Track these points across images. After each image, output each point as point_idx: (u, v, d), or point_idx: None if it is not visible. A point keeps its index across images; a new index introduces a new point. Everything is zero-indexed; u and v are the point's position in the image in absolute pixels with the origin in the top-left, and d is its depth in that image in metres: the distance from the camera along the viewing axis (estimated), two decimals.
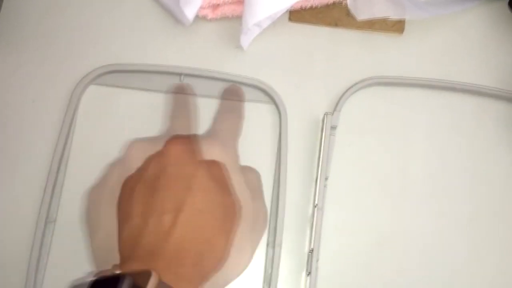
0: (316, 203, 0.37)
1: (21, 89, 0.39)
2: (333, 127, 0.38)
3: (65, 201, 0.38)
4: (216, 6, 0.39)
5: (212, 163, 0.32)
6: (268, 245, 0.37)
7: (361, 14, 0.39)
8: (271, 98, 0.39)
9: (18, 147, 0.38)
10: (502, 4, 0.41)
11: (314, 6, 0.40)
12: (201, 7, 0.38)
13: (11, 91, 0.39)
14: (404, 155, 0.39)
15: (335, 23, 0.41)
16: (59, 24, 0.41)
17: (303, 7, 0.40)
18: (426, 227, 0.38)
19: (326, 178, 0.37)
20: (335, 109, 0.38)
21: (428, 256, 0.38)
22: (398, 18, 0.40)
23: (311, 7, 0.40)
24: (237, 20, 0.39)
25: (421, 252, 0.38)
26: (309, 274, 0.36)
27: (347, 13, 0.40)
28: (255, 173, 0.34)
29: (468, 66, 0.41)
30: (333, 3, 0.40)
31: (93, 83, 0.39)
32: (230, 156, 0.31)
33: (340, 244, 0.38)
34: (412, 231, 0.38)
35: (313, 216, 0.37)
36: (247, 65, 0.40)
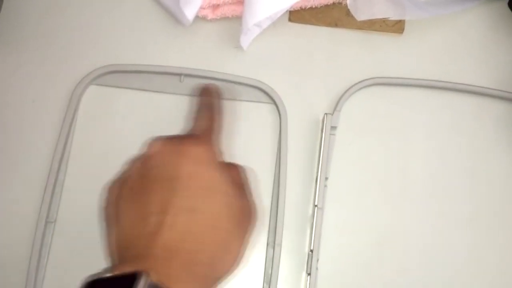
0: (316, 203, 0.37)
1: (21, 89, 0.39)
2: (333, 127, 0.38)
3: (65, 201, 0.38)
4: (216, 7, 0.39)
5: (230, 166, 0.32)
6: (268, 245, 0.37)
7: (361, 14, 0.39)
8: (271, 98, 0.39)
9: (18, 147, 0.38)
10: (502, 4, 0.41)
11: (314, 6, 0.40)
12: (201, 8, 0.38)
13: (11, 91, 0.39)
14: (404, 155, 0.39)
15: (335, 23, 0.41)
16: (59, 24, 0.41)
17: (303, 7, 0.40)
18: (426, 226, 0.38)
19: (326, 178, 0.37)
20: (335, 109, 0.38)
21: (428, 255, 0.38)
22: (398, 18, 0.40)
23: (311, 7, 0.40)
24: (237, 20, 0.40)
25: (421, 252, 0.38)
26: (309, 274, 0.36)
27: (347, 13, 0.40)
28: (239, 168, 0.34)
29: (468, 66, 0.41)
30: (333, 3, 0.40)
31: (93, 83, 0.39)
32: (211, 154, 0.31)
33: (340, 244, 0.38)
34: (412, 231, 0.38)
35: (313, 216, 0.37)
36: (247, 65, 0.40)
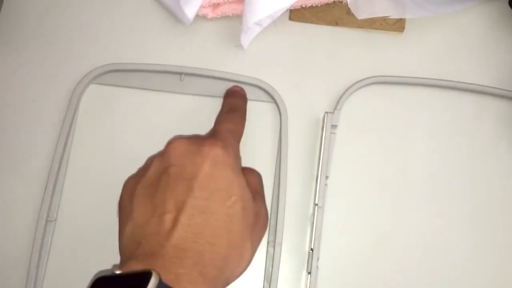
0: (316, 202, 0.37)
1: (21, 89, 0.39)
2: (334, 126, 0.38)
3: (65, 200, 0.38)
4: (216, 5, 0.39)
5: (248, 170, 0.33)
6: (268, 244, 0.37)
7: (362, 13, 0.39)
8: (271, 97, 0.39)
9: (18, 146, 0.38)
10: (502, 3, 0.41)
11: (314, 5, 0.40)
12: (202, 6, 0.38)
13: (11, 91, 0.39)
14: (404, 154, 0.39)
15: (336, 22, 0.41)
16: (59, 24, 0.41)
17: (304, 6, 0.40)
18: (426, 226, 0.38)
19: (327, 177, 0.37)
20: (335, 108, 0.38)
21: (428, 255, 0.38)
22: (398, 17, 0.40)
23: (311, 6, 0.40)
24: (237, 19, 0.39)
25: (422, 251, 0.38)
26: (310, 272, 0.36)
27: (348, 12, 0.40)
28: (257, 175, 0.34)
29: (468, 65, 0.41)
30: (334, 2, 0.40)
31: (94, 83, 0.39)
32: (231, 158, 0.31)
33: (340, 243, 0.38)
34: (413, 230, 0.38)
35: (314, 215, 0.37)
36: (247, 64, 0.40)
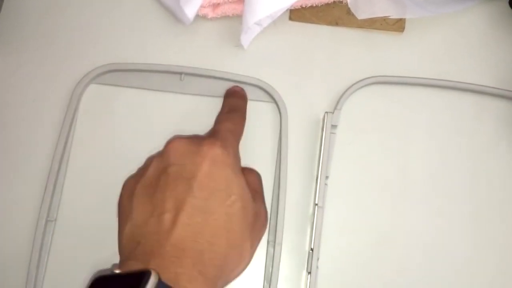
0: (316, 202, 0.37)
1: (22, 89, 0.39)
2: (334, 126, 0.38)
3: (65, 200, 0.38)
4: (216, 5, 0.39)
5: (248, 170, 0.33)
6: (268, 244, 0.37)
7: (362, 13, 0.39)
8: (271, 97, 0.39)
9: (18, 146, 0.38)
10: (502, 3, 0.41)
11: (314, 5, 0.40)
12: (202, 6, 0.38)
13: (11, 91, 0.39)
14: (404, 154, 0.39)
15: (336, 22, 0.41)
16: (59, 24, 0.41)
17: (304, 6, 0.40)
18: (427, 226, 0.38)
19: (327, 177, 0.37)
20: (335, 107, 0.38)
21: (428, 255, 0.38)
22: (398, 17, 0.40)
23: (311, 6, 0.40)
24: (237, 19, 0.39)
25: (422, 251, 0.38)
26: (310, 272, 0.36)
27: (348, 12, 0.40)
28: (256, 175, 0.34)
29: (469, 65, 0.41)
30: (334, 2, 0.40)
31: (94, 82, 0.39)
32: (231, 157, 0.31)
33: (340, 243, 0.38)
34: (413, 230, 0.38)
35: (314, 215, 0.37)
36: (247, 64, 0.40)
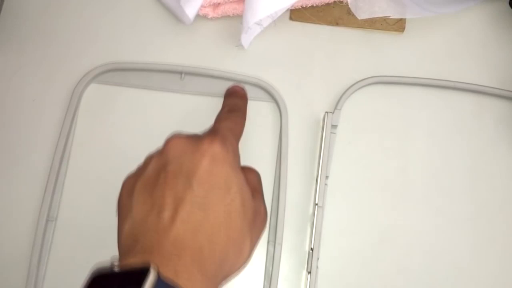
0: (316, 202, 0.37)
1: (22, 89, 0.39)
2: (334, 126, 0.38)
3: (66, 199, 0.38)
4: (217, 5, 0.39)
5: (247, 169, 0.33)
6: (268, 243, 0.37)
7: (362, 13, 0.39)
8: (271, 96, 0.39)
9: (19, 146, 0.38)
10: (502, 3, 0.41)
11: (315, 5, 0.40)
12: (202, 6, 0.38)
13: (11, 91, 0.39)
14: (404, 154, 0.39)
15: (336, 22, 0.41)
16: (59, 23, 0.41)
17: (304, 5, 0.40)
18: (427, 225, 0.38)
19: (327, 177, 0.37)
20: (335, 107, 0.38)
21: (428, 254, 0.38)
22: (399, 17, 0.40)
23: (312, 6, 0.40)
24: (238, 19, 0.40)
25: (422, 251, 0.38)
26: (310, 272, 0.36)
27: (348, 11, 0.40)
28: (255, 173, 0.34)
29: (469, 65, 0.41)
30: (334, 2, 0.40)
31: (94, 82, 0.39)
32: (230, 155, 0.31)
33: (340, 242, 0.38)
34: (413, 229, 0.38)
35: (314, 215, 0.37)
36: (248, 64, 0.40)
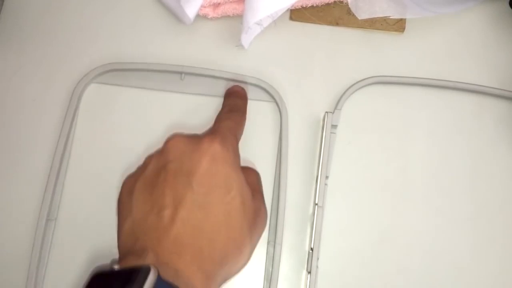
0: (316, 202, 0.37)
1: (22, 88, 0.40)
2: (334, 126, 0.38)
3: (66, 199, 0.38)
4: (217, 5, 0.39)
5: (247, 169, 0.33)
6: (268, 243, 0.37)
7: (362, 13, 0.39)
8: (271, 96, 0.39)
9: (19, 145, 0.39)
10: (502, 3, 0.41)
11: (315, 5, 0.40)
12: (202, 6, 0.38)
13: (12, 91, 0.39)
14: (404, 154, 0.39)
15: (336, 22, 0.41)
16: (59, 23, 0.41)
17: (304, 5, 0.40)
18: (427, 225, 0.38)
19: (327, 177, 0.37)
20: (335, 107, 0.38)
21: (428, 254, 0.38)
22: (399, 17, 0.40)
23: (312, 6, 0.40)
24: (238, 19, 0.40)
25: (422, 251, 0.38)
26: (310, 272, 0.36)
27: (348, 12, 0.40)
28: (255, 173, 0.34)
29: (469, 65, 0.41)
30: (334, 2, 0.40)
31: (94, 82, 0.39)
32: (230, 154, 0.31)
33: (340, 242, 0.38)
34: (413, 229, 0.38)
35: (314, 215, 0.37)
36: (248, 64, 0.40)
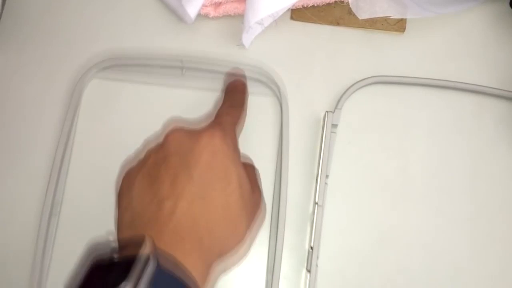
0: (316, 201, 0.37)
1: (23, 87, 0.40)
2: (334, 125, 0.38)
3: (68, 195, 0.38)
4: (218, 4, 0.39)
5: (246, 163, 0.33)
6: (269, 242, 0.37)
7: (363, 13, 0.39)
8: (272, 89, 0.39)
9: (21, 142, 0.39)
10: (502, 3, 0.41)
11: (316, 5, 0.40)
12: (203, 5, 0.38)
13: (13, 89, 0.40)
14: (404, 154, 0.39)
15: (337, 22, 0.41)
16: (61, 20, 0.41)
17: (305, 5, 0.40)
18: (426, 225, 0.38)
19: (327, 176, 0.37)
20: (336, 107, 0.39)
21: (428, 254, 0.38)
22: (399, 17, 0.40)
23: (313, 6, 0.40)
24: (239, 18, 0.40)
25: (422, 250, 0.38)
26: (309, 271, 0.36)
27: (349, 11, 0.40)
28: (254, 169, 0.34)
29: (469, 65, 0.41)
30: (335, 1, 0.40)
31: (95, 77, 0.40)
32: (230, 148, 0.31)
33: (340, 241, 0.38)
34: (412, 229, 0.38)
35: (314, 214, 0.37)
36: (248, 63, 0.40)
